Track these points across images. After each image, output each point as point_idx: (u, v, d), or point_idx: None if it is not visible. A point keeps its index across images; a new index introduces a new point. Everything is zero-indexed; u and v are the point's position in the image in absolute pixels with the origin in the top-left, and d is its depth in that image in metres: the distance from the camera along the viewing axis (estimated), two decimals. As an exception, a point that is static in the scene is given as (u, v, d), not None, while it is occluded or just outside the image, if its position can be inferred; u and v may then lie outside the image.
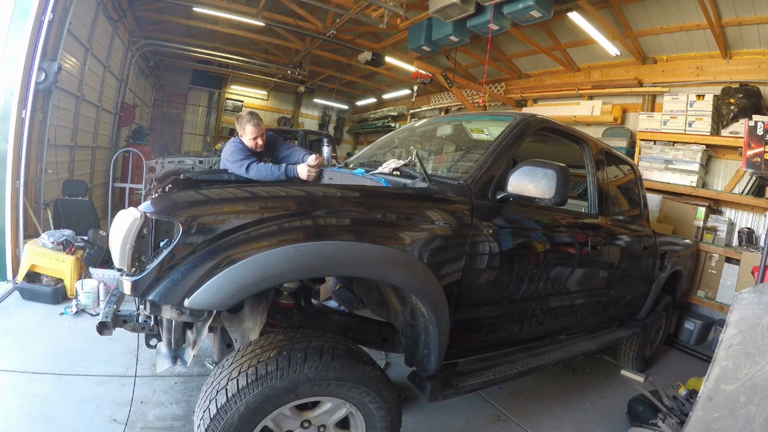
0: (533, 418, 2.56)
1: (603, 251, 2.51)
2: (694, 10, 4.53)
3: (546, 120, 2.32)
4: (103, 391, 2.24)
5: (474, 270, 1.77)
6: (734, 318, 1.55)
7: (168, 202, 1.34)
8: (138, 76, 9.42)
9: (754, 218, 4.57)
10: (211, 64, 10.85)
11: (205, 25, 7.75)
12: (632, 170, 3.25)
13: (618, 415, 2.71)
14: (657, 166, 4.85)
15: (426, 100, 10.02)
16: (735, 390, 1.38)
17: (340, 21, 6.73)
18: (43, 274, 3.38)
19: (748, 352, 1.42)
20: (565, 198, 1.73)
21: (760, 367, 1.36)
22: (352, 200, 1.52)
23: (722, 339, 1.53)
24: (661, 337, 3.72)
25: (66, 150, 5.46)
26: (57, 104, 4.71)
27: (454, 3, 4.52)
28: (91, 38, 5.66)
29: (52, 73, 3.98)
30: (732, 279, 4.16)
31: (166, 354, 1.59)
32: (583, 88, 6.30)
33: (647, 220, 3.21)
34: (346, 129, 14.53)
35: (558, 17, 4.96)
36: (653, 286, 3.19)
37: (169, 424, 2.06)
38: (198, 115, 12.60)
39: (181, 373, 2.48)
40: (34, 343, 2.64)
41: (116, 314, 1.62)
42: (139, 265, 1.29)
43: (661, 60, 5.46)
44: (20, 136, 3.60)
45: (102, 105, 6.81)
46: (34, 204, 4.25)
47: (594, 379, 3.28)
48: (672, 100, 4.78)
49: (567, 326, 2.58)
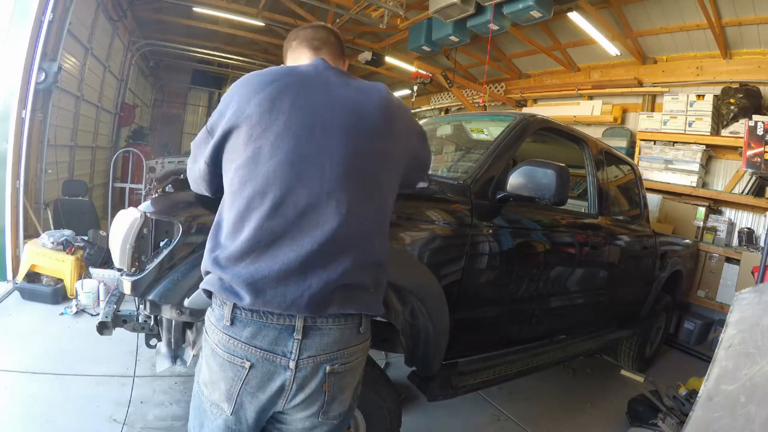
0: (533, 418, 2.56)
1: (603, 251, 2.51)
2: (694, 10, 4.53)
3: (546, 120, 2.32)
4: (103, 391, 2.24)
5: (474, 270, 1.77)
6: (734, 318, 1.55)
7: (168, 202, 1.34)
8: (138, 76, 9.42)
9: (754, 218, 4.57)
10: (211, 64, 10.84)
11: (205, 25, 7.74)
12: (632, 170, 3.25)
13: (618, 415, 2.71)
14: (657, 166, 4.85)
15: (426, 100, 10.02)
16: (735, 390, 1.38)
17: (340, 21, 6.73)
18: (43, 274, 3.38)
19: (748, 352, 1.42)
20: (564, 198, 1.73)
21: (760, 367, 1.36)
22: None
23: (722, 339, 1.53)
24: (661, 337, 3.72)
25: (66, 150, 5.46)
26: (57, 104, 4.71)
27: (454, 3, 4.52)
28: (91, 38, 5.67)
29: (52, 73, 3.98)
30: (732, 279, 4.16)
31: (165, 354, 1.59)
32: (583, 88, 6.30)
33: (647, 220, 3.21)
34: (346, 129, 14.51)
35: (558, 17, 4.95)
36: (653, 286, 3.19)
37: (169, 424, 2.06)
38: (198, 115, 12.58)
39: (181, 373, 2.48)
40: (34, 343, 2.64)
41: (116, 314, 1.62)
42: (139, 265, 1.29)
43: (661, 60, 5.46)
44: (20, 136, 3.60)
45: (102, 105, 6.81)
46: (34, 204, 4.25)
47: (594, 379, 3.28)
48: (672, 100, 4.78)
49: (567, 326, 2.59)
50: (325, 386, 0.96)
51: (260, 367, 0.92)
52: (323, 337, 0.94)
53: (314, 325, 0.93)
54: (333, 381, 0.97)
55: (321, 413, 0.99)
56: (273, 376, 0.92)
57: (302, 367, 0.93)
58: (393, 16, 5.82)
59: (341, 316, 0.96)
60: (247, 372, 0.91)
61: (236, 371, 0.92)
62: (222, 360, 0.93)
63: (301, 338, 0.92)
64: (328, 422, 1.02)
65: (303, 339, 0.92)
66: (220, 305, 0.94)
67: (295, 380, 0.93)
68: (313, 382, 0.95)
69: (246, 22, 7.06)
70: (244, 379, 0.92)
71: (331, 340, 0.95)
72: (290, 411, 0.98)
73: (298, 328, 0.92)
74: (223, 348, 0.93)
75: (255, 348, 0.91)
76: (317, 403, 0.98)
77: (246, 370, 0.91)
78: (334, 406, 1.00)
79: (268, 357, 0.91)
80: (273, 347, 0.91)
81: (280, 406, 0.96)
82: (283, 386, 0.93)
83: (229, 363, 0.92)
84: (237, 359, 0.91)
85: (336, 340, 0.96)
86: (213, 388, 0.96)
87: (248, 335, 0.91)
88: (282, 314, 0.91)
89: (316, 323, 0.93)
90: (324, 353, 0.95)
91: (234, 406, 0.93)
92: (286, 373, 0.92)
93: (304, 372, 0.93)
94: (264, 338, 0.91)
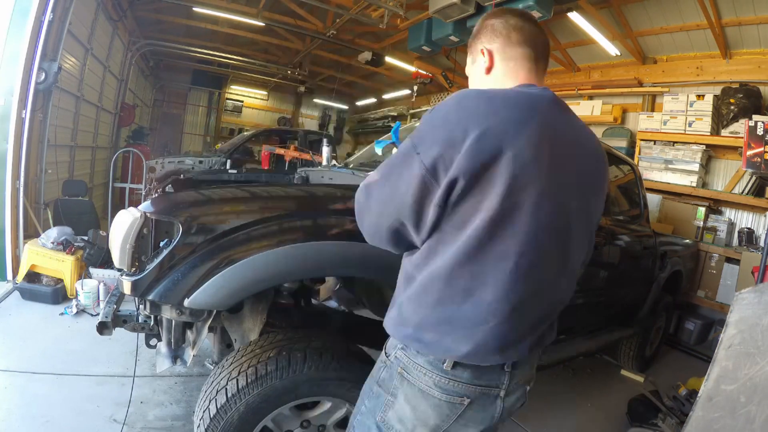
0: (533, 417, 2.55)
1: (603, 251, 2.51)
2: (694, 10, 4.52)
3: (546, 120, 2.31)
4: (103, 391, 2.24)
5: (474, 270, 1.77)
6: (734, 318, 1.55)
7: (168, 202, 1.35)
8: (138, 76, 9.42)
9: (754, 218, 4.57)
10: (211, 64, 10.84)
11: (205, 25, 7.74)
12: (632, 170, 3.25)
13: (618, 415, 2.71)
14: (657, 166, 4.85)
15: (426, 100, 10.01)
16: (735, 390, 1.38)
17: (340, 21, 6.73)
18: (43, 274, 3.37)
19: (748, 352, 1.42)
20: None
21: (760, 367, 1.36)
22: (352, 200, 1.52)
23: (722, 339, 1.53)
24: (661, 337, 3.72)
25: (66, 150, 5.46)
26: (57, 104, 4.71)
27: (454, 3, 4.51)
28: (91, 38, 5.67)
29: (52, 73, 3.98)
30: (732, 279, 4.15)
31: (166, 354, 1.59)
32: (583, 88, 6.30)
33: (647, 220, 3.21)
34: (346, 129, 14.51)
35: (558, 17, 4.95)
36: (653, 286, 3.19)
37: (169, 424, 2.06)
38: (198, 115, 12.58)
39: (181, 373, 2.48)
40: (34, 343, 2.64)
41: (116, 314, 1.62)
42: (139, 265, 1.29)
43: (661, 60, 5.46)
44: (20, 136, 3.60)
45: (102, 105, 6.81)
46: (34, 204, 4.25)
47: (594, 379, 3.28)
48: (672, 100, 4.78)
49: (567, 326, 2.58)
50: (520, 401, 1.00)
51: (478, 401, 0.93)
52: (525, 366, 0.98)
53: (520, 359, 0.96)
54: (526, 395, 1.02)
55: None
56: (486, 407, 0.94)
57: (510, 392, 0.96)
58: (393, 16, 5.83)
59: None
60: (465, 408, 0.92)
61: (454, 409, 0.92)
62: (437, 401, 0.91)
63: (511, 370, 0.94)
64: None
65: (512, 371, 0.95)
66: None
67: (504, 406, 0.96)
68: (518, 402, 1.00)
69: (246, 22, 7.06)
70: (460, 414, 0.92)
71: (530, 366, 1.01)
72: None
73: (508, 363, 0.94)
74: (439, 390, 0.91)
75: (475, 386, 0.91)
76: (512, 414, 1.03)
77: (464, 407, 0.92)
78: None
79: (486, 391, 0.93)
80: (488, 382, 0.93)
81: None
82: (494, 413, 0.95)
83: (447, 403, 0.91)
84: (456, 398, 0.91)
85: (532, 364, 1.02)
86: (414, 425, 0.94)
87: (469, 376, 0.91)
88: None
89: None
90: (525, 379, 0.99)
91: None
92: (496, 401, 0.95)
93: (511, 395, 0.97)
94: (483, 377, 0.92)
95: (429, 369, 0.91)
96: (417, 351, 0.92)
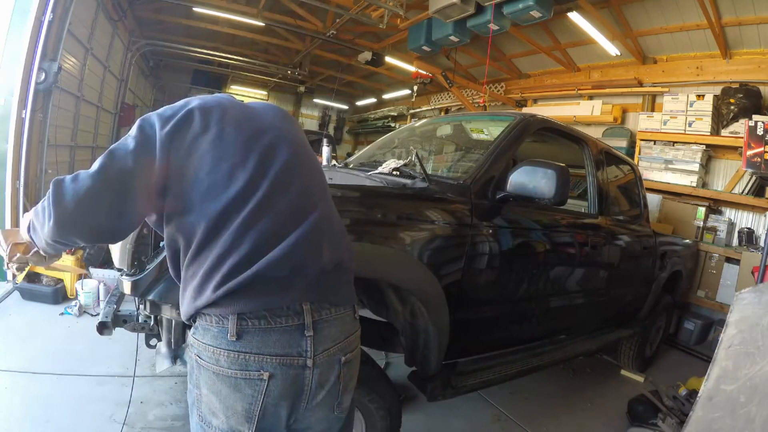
0: (533, 417, 2.56)
1: (603, 251, 2.51)
2: (694, 10, 4.53)
3: (546, 120, 2.32)
4: (103, 391, 2.24)
5: (474, 270, 1.77)
6: (734, 318, 1.55)
7: (168, 202, 1.34)
8: (138, 76, 9.41)
9: (754, 218, 4.57)
10: (211, 64, 10.84)
11: (205, 25, 7.74)
12: (632, 170, 3.25)
13: (618, 415, 2.71)
14: (657, 166, 4.85)
15: (426, 100, 10.02)
16: (735, 390, 1.38)
17: (340, 21, 6.73)
18: (43, 275, 3.37)
19: (748, 352, 1.42)
20: (564, 198, 1.73)
21: (760, 367, 1.36)
22: (351, 200, 1.52)
23: (722, 339, 1.53)
24: (661, 337, 3.72)
25: (66, 150, 5.46)
26: (57, 104, 4.70)
27: (454, 3, 4.52)
28: (91, 38, 5.66)
29: (52, 73, 3.97)
30: (732, 279, 4.15)
31: (165, 354, 1.59)
32: (583, 88, 6.30)
33: (647, 220, 3.21)
34: (346, 129, 14.52)
35: (558, 17, 4.95)
36: (653, 286, 3.19)
37: (169, 424, 2.06)
38: (198, 115, 12.57)
39: (181, 373, 2.48)
40: (34, 343, 2.64)
41: (116, 314, 1.62)
42: (139, 264, 1.29)
43: (661, 60, 5.46)
44: (20, 136, 3.60)
45: (102, 105, 6.81)
46: (34, 204, 4.25)
47: (594, 379, 3.28)
48: (672, 100, 4.77)
49: (567, 326, 2.59)
50: (340, 377, 0.97)
51: (280, 374, 0.88)
52: (330, 329, 0.95)
53: (320, 318, 0.93)
54: (345, 371, 0.98)
55: (336, 406, 0.99)
56: (294, 379, 0.90)
57: (319, 363, 0.93)
58: (393, 16, 5.82)
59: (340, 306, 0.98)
60: (267, 383, 0.87)
61: (254, 386, 0.87)
62: (234, 380, 0.87)
63: (312, 334, 0.91)
64: (340, 416, 1.02)
65: (314, 335, 0.92)
66: (218, 321, 0.89)
67: (314, 378, 0.92)
68: (332, 376, 0.96)
69: (246, 22, 7.06)
70: (265, 392, 0.88)
71: (337, 330, 0.97)
72: (308, 413, 0.96)
73: (308, 325, 0.91)
74: (231, 367, 0.87)
75: (268, 356, 0.88)
76: (333, 397, 0.98)
77: (265, 382, 0.87)
78: (346, 397, 1.01)
79: (285, 361, 0.89)
80: (287, 350, 0.89)
81: (301, 410, 0.94)
82: (303, 387, 0.91)
83: (244, 380, 0.87)
84: (252, 373, 0.87)
85: (341, 329, 0.98)
86: (227, 414, 0.89)
87: (257, 344, 0.88)
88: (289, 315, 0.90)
89: (322, 316, 0.94)
90: (334, 344, 0.96)
91: (255, 425, 0.89)
92: (305, 372, 0.91)
93: (322, 368, 0.93)
94: (276, 344, 0.88)
95: (212, 345, 0.88)
96: None
